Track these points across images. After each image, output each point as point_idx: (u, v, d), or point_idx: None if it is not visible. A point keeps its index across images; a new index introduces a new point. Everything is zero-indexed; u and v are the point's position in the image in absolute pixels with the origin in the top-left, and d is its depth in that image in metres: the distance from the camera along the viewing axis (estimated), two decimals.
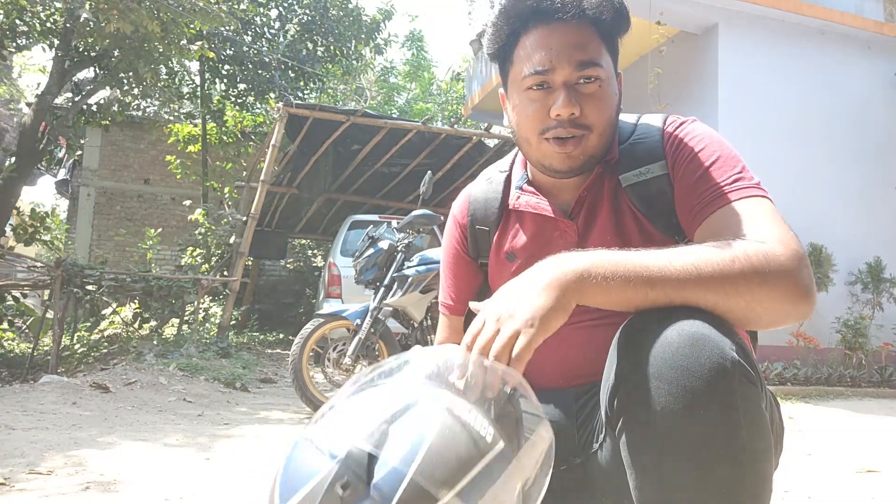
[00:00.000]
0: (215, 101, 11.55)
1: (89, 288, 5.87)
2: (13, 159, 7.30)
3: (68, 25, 6.93)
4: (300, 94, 11.98)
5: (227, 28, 7.85)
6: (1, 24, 6.94)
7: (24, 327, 7.52)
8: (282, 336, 10.85)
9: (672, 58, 6.67)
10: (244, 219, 7.44)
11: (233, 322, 7.93)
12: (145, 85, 7.49)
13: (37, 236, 6.45)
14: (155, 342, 6.01)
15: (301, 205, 10.35)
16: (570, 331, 0.97)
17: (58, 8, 7.07)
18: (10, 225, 7.23)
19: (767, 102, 6.67)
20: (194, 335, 6.13)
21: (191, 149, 11.62)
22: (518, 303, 0.76)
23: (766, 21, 6.75)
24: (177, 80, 10.34)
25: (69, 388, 4.00)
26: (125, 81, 7.41)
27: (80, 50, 7.33)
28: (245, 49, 11.14)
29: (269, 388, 5.19)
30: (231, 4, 9.67)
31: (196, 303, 6.52)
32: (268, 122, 12.25)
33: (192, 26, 6.94)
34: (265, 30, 11.83)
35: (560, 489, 0.93)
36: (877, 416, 4.56)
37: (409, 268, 3.79)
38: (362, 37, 12.32)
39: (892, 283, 6.60)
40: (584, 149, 0.98)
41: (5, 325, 6.60)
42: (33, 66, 11.77)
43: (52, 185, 14.69)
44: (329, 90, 14.72)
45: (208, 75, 11.26)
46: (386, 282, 3.79)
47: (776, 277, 0.76)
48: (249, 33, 11.45)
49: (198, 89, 11.34)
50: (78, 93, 8.25)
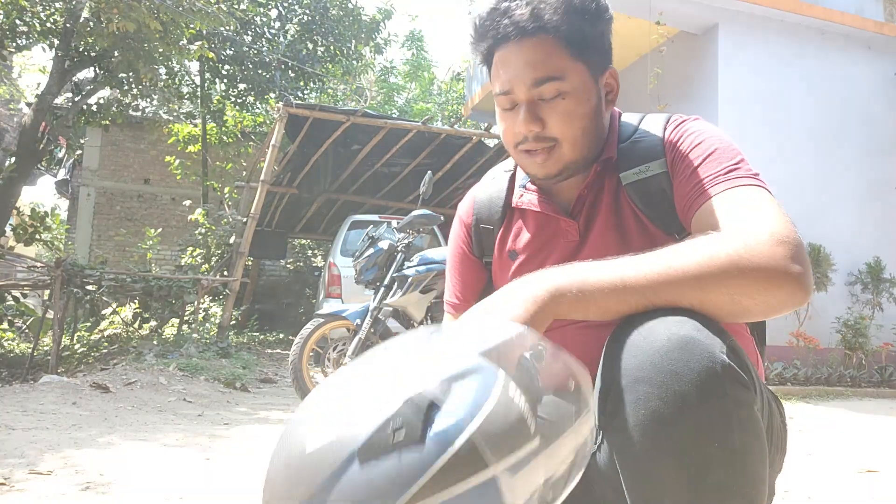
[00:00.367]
0: (215, 101, 11.55)
1: (89, 288, 5.87)
2: (13, 159, 7.31)
3: (68, 25, 6.93)
4: (300, 94, 11.98)
5: (227, 28, 7.86)
6: (1, 24, 6.94)
7: (24, 327, 7.51)
8: (282, 336, 10.85)
9: (672, 58, 6.67)
10: (244, 219, 7.45)
11: (233, 322, 7.93)
12: (145, 85, 7.50)
13: (37, 236, 6.45)
14: (155, 342, 6.01)
15: (301, 205, 10.35)
16: (572, 331, 0.97)
17: (58, 8, 7.08)
18: (10, 225, 7.23)
19: (767, 102, 6.67)
20: (194, 335, 6.14)
21: (191, 149, 11.61)
22: (496, 315, 0.77)
23: (766, 21, 6.75)
24: (177, 80, 10.34)
25: (69, 388, 3.99)
26: (125, 81, 7.41)
27: (80, 50, 7.33)
28: (245, 49, 11.15)
29: (269, 388, 5.19)
30: (231, 4, 9.67)
31: (196, 303, 6.52)
32: (268, 122, 12.25)
33: (191, 26, 6.95)
34: (265, 30, 11.83)
35: None
36: (877, 416, 4.56)
37: (409, 268, 3.80)
38: (362, 37, 12.33)
39: (893, 284, 6.60)
40: (557, 158, 0.99)
41: (5, 325, 6.61)
42: (33, 66, 11.80)
43: (52, 185, 14.70)
44: (329, 90, 14.71)
45: (208, 75, 11.26)
46: (386, 282, 3.80)
47: (757, 267, 0.75)
48: (249, 33, 11.45)
49: (198, 89, 11.34)
50: (78, 93, 8.25)
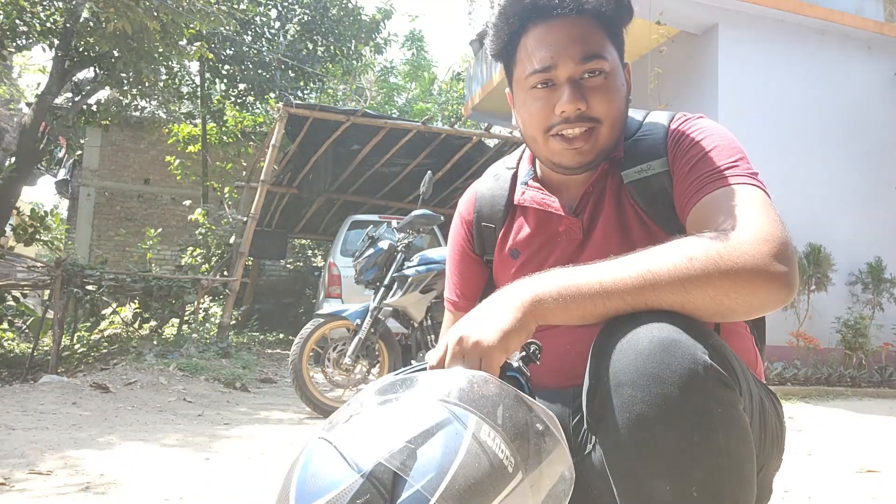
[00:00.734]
0: (215, 101, 11.55)
1: (89, 288, 5.87)
2: (13, 159, 7.30)
3: (68, 25, 6.93)
4: (300, 94, 11.97)
5: (227, 28, 7.86)
6: (1, 24, 6.94)
7: (24, 327, 7.51)
8: (282, 336, 10.85)
9: (672, 58, 6.67)
10: (244, 219, 7.45)
11: (233, 322, 7.93)
12: (145, 85, 7.50)
13: (37, 236, 6.45)
14: (155, 342, 6.00)
15: (301, 205, 10.35)
16: (566, 330, 0.97)
17: (58, 8, 7.08)
18: (10, 225, 7.23)
19: (767, 102, 6.67)
20: (194, 335, 6.13)
21: (191, 149, 11.62)
22: (480, 326, 0.77)
23: (766, 21, 6.75)
24: (177, 80, 10.33)
25: (69, 388, 3.99)
26: (125, 81, 7.41)
27: (80, 50, 7.33)
28: (245, 49, 11.14)
29: (269, 388, 5.19)
30: (231, 4, 9.67)
31: (196, 303, 6.52)
32: (268, 122, 12.25)
33: (191, 26, 6.95)
34: (265, 30, 11.82)
35: None
36: (877, 416, 4.55)
37: (409, 268, 3.79)
38: (362, 36, 12.32)
39: (893, 284, 6.59)
40: (595, 142, 0.97)
41: (5, 325, 6.60)
42: (33, 66, 11.79)
43: (52, 185, 14.70)
44: (329, 90, 14.71)
45: (208, 75, 11.25)
46: (386, 282, 3.79)
47: (738, 268, 0.75)
48: (249, 33, 11.44)
49: (198, 89, 11.34)
50: (78, 93, 8.25)
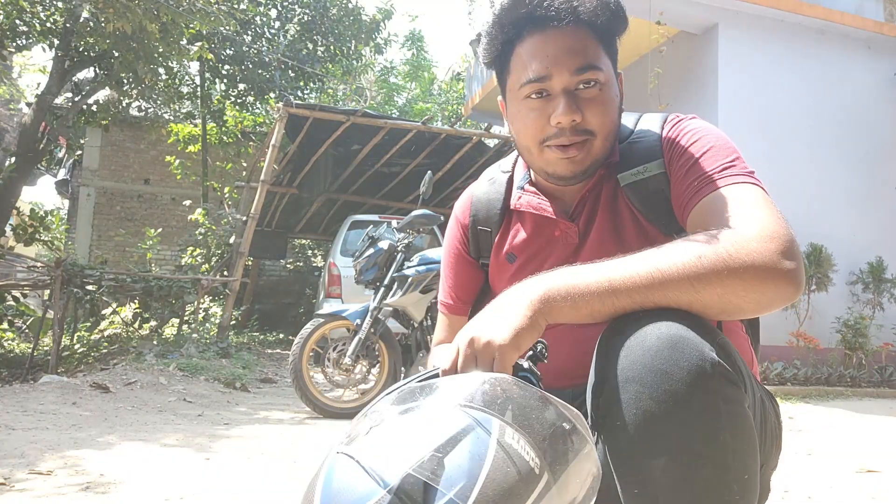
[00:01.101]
0: (215, 101, 11.55)
1: (89, 288, 5.87)
2: (13, 159, 7.31)
3: (68, 25, 6.93)
4: (300, 94, 11.97)
5: (227, 28, 7.85)
6: (1, 24, 6.94)
7: (24, 327, 7.51)
8: (282, 336, 10.86)
9: (672, 58, 6.67)
10: (244, 219, 7.45)
11: (233, 322, 7.93)
12: (145, 85, 7.50)
13: (37, 236, 6.45)
14: (155, 342, 6.01)
15: (301, 205, 10.35)
16: (565, 331, 0.96)
17: (58, 8, 7.08)
18: (10, 225, 7.23)
19: (767, 102, 6.67)
20: (194, 335, 6.13)
21: (191, 149, 11.62)
22: (491, 325, 0.77)
23: (765, 21, 6.75)
24: (177, 80, 10.34)
25: (69, 388, 3.99)
26: (125, 81, 7.41)
27: (80, 50, 7.33)
28: (245, 49, 11.14)
29: (269, 388, 5.19)
30: (231, 4, 9.66)
31: (196, 303, 6.52)
32: (268, 122, 12.25)
33: (191, 27, 6.94)
34: (265, 30, 11.82)
35: None
36: (877, 416, 4.55)
37: (409, 268, 3.79)
38: (362, 36, 12.32)
39: (894, 284, 6.59)
40: (589, 153, 0.96)
41: (5, 325, 6.60)
42: (33, 66, 11.80)
43: (52, 185, 14.70)
44: (329, 90, 14.71)
45: (208, 75, 11.25)
46: (386, 282, 3.79)
47: (746, 265, 0.75)
48: (249, 33, 11.44)
49: (198, 89, 11.34)
50: (78, 93, 8.25)
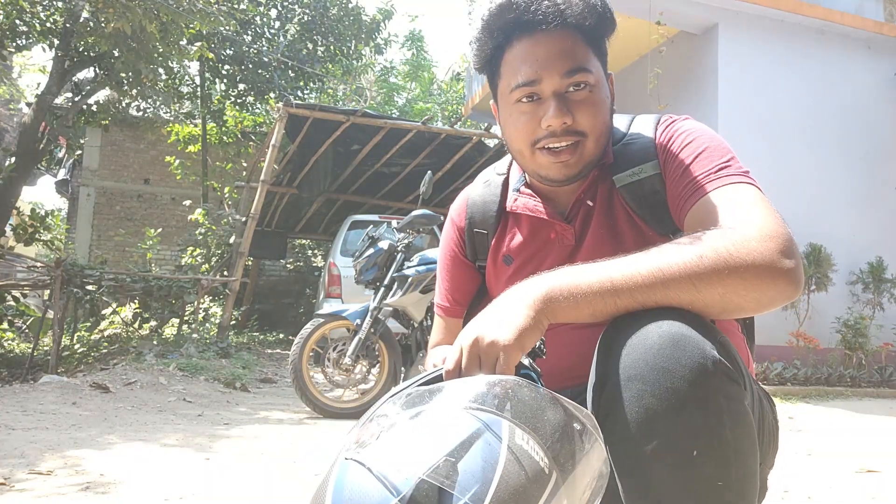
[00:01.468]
0: (215, 101, 11.55)
1: (89, 288, 5.87)
2: (13, 159, 7.31)
3: (68, 25, 6.93)
4: (300, 94, 11.97)
5: (227, 28, 7.86)
6: (1, 24, 6.94)
7: (24, 327, 7.51)
8: (282, 336, 10.86)
9: (672, 58, 6.67)
10: (244, 219, 7.45)
11: (233, 322, 7.93)
12: (145, 85, 7.50)
13: (37, 236, 6.45)
14: (155, 342, 6.00)
15: (301, 205, 10.35)
16: (564, 331, 0.97)
17: (58, 8, 7.08)
18: (10, 225, 7.22)
19: (767, 102, 6.67)
20: (194, 335, 6.13)
21: (191, 149, 11.62)
22: (494, 325, 0.77)
23: (765, 21, 6.75)
24: (177, 80, 10.34)
25: (69, 388, 4.00)
26: (125, 81, 7.41)
27: (80, 50, 7.33)
28: (245, 49, 11.14)
29: (269, 388, 5.19)
30: (231, 4, 9.67)
31: (196, 303, 6.52)
32: (268, 122, 12.25)
33: (191, 27, 6.94)
34: (265, 30, 11.82)
35: None
36: (877, 416, 4.56)
37: (409, 268, 3.79)
38: (362, 37, 12.32)
39: (894, 284, 6.59)
40: (581, 155, 0.97)
41: (5, 325, 6.60)
42: (33, 66, 11.79)
43: (52, 185, 14.70)
44: (329, 90, 14.70)
45: (208, 75, 11.26)
46: (386, 282, 3.79)
47: (747, 264, 0.75)
48: (249, 33, 11.45)
49: (198, 89, 11.34)
50: (78, 93, 8.25)
